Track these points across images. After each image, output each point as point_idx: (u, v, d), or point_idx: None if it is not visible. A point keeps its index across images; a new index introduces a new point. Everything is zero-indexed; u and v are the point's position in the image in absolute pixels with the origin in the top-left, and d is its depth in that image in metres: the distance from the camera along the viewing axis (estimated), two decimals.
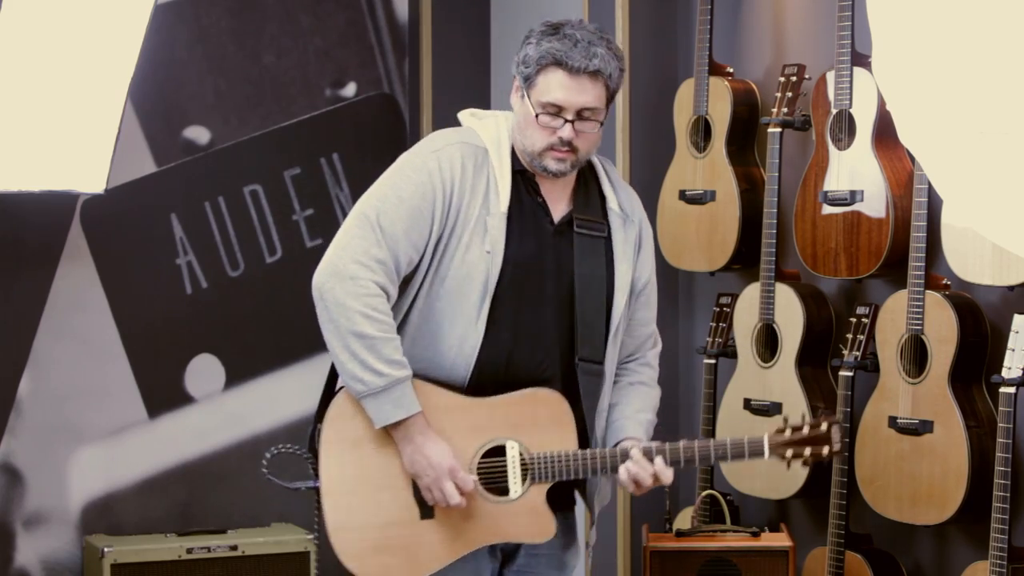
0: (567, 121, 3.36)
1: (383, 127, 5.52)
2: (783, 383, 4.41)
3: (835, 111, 4.23)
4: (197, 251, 5.28)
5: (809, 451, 3.42)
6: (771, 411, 4.44)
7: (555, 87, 3.35)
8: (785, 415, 3.51)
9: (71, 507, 5.13)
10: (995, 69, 2.30)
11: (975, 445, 3.92)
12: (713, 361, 4.67)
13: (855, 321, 4.21)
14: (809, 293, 4.42)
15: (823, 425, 3.44)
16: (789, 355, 4.39)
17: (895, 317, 4.06)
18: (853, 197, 4.21)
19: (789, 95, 4.40)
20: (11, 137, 4.55)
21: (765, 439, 3.41)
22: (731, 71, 4.67)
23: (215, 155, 5.31)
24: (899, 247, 4.11)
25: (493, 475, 3.37)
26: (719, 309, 4.67)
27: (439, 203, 3.35)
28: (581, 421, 3.42)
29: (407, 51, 5.55)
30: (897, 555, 4.27)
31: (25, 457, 5.06)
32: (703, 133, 4.69)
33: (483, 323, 3.36)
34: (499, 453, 3.37)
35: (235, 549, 5.03)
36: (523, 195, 3.43)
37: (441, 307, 3.38)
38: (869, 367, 4.17)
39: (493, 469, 3.37)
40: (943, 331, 3.95)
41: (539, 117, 3.36)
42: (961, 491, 3.92)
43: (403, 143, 5.49)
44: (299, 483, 3.47)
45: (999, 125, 2.32)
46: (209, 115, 5.29)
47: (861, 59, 4.16)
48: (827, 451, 3.44)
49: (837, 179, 4.25)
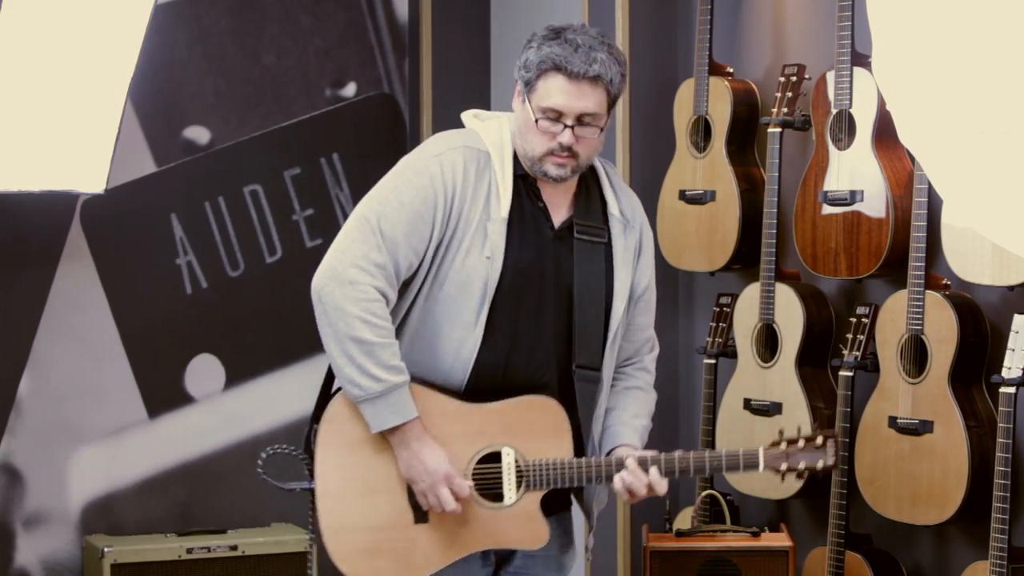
0: (567, 126, 3.34)
1: (383, 127, 5.52)
2: (783, 383, 4.41)
3: (835, 111, 4.23)
4: (197, 251, 5.28)
5: (804, 465, 3.43)
6: (771, 411, 4.44)
7: (555, 92, 3.33)
8: (781, 428, 3.50)
9: (71, 507, 5.13)
10: (995, 69, 2.30)
11: (975, 445, 3.92)
12: (713, 361, 4.67)
13: (855, 321, 4.21)
14: (809, 293, 4.42)
15: (819, 439, 3.45)
16: (789, 355, 4.39)
17: (895, 317, 4.06)
18: (853, 197, 4.21)
19: (789, 95, 4.40)
20: (11, 137, 4.55)
21: (760, 452, 3.41)
22: (731, 71, 4.67)
23: (215, 155, 5.31)
24: (899, 247, 4.11)
25: (488, 481, 3.37)
26: (719, 309, 4.67)
27: (440, 208, 3.34)
28: (577, 428, 3.42)
29: (407, 51, 5.55)
30: (897, 555, 4.27)
31: (25, 457, 5.06)
32: (703, 133, 4.69)
33: (481, 328, 3.36)
34: (495, 459, 3.37)
35: (235, 549, 5.03)
36: (524, 200, 3.41)
37: (440, 311, 3.37)
38: (869, 367, 4.17)
39: (488, 475, 3.37)
40: (943, 331, 3.95)
41: (539, 122, 3.35)
42: (961, 491, 3.92)
43: (403, 143, 5.49)
44: (294, 484, 3.47)
45: (999, 125, 2.32)
46: (209, 115, 5.29)
47: (861, 59, 4.16)
48: (822, 465, 3.44)
49: (837, 179, 4.25)
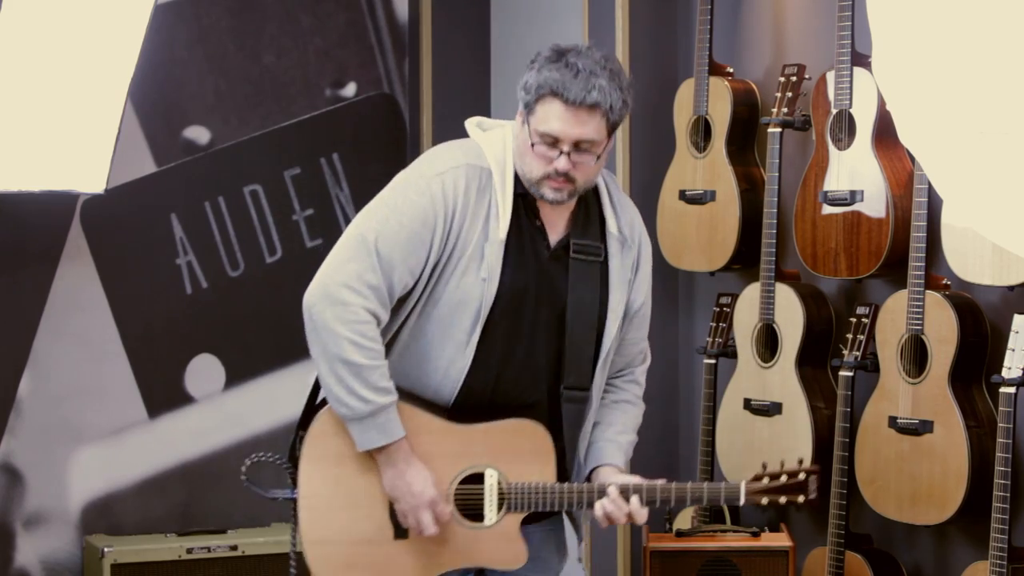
0: (563, 152, 3.29)
1: (383, 127, 5.52)
2: (783, 383, 4.41)
3: (835, 111, 4.23)
4: (197, 251, 5.28)
5: (784, 499, 3.47)
6: (771, 411, 4.44)
7: (552, 118, 3.28)
8: (764, 462, 3.52)
9: (71, 507, 5.13)
10: (995, 69, 2.30)
11: (975, 445, 3.92)
12: (713, 361, 4.67)
13: (855, 321, 4.21)
14: (809, 293, 4.42)
15: (801, 475, 3.47)
16: (789, 355, 4.39)
17: (895, 317, 4.06)
18: (853, 197, 4.21)
19: (789, 95, 4.40)
20: (11, 137, 4.55)
21: (742, 486, 3.44)
22: (731, 71, 4.67)
23: (215, 155, 5.31)
24: (899, 247, 4.11)
25: (470, 501, 3.38)
26: (719, 309, 4.67)
27: (440, 229, 3.30)
28: (562, 449, 3.42)
29: (407, 51, 5.55)
30: (897, 555, 4.28)
31: (25, 457, 5.06)
32: (703, 133, 4.69)
33: (472, 349, 3.34)
34: (477, 480, 3.38)
35: (235, 549, 5.03)
36: (522, 219, 3.37)
37: (432, 330, 3.36)
38: (869, 367, 4.17)
39: (470, 495, 3.38)
40: (943, 331, 3.95)
41: (535, 147, 3.30)
42: (961, 491, 3.92)
43: (403, 143, 5.49)
44: (277, 492, 3.48)
45: (999, 125, 2.32)
46: (209, 115, 5.29)
47: (861, 59, 4.16)
48: (802, 499, 3.47)
49: (837, 179, 4.25)
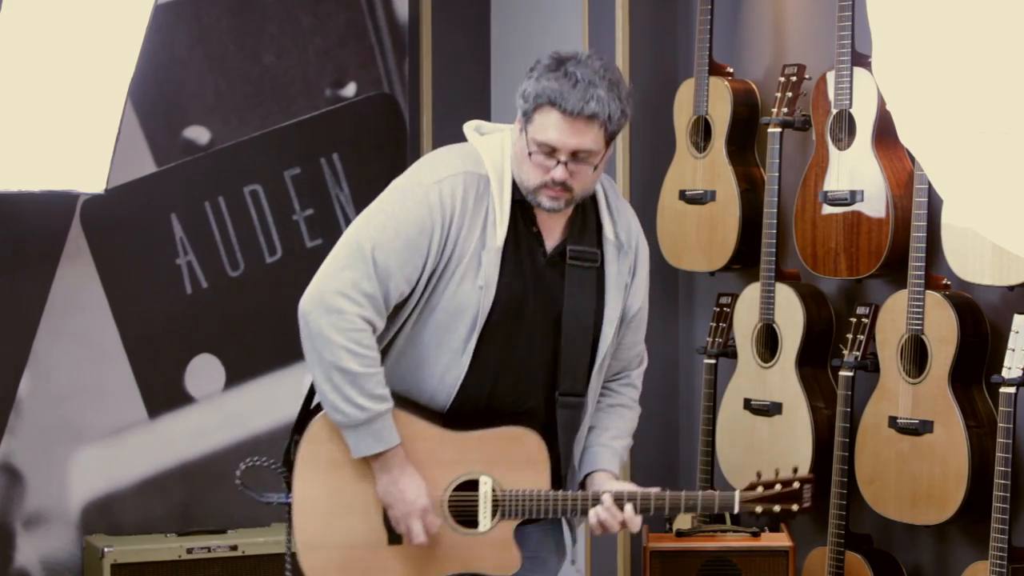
0: (560, 162, 3.27)
1: (383, 127, 5.52)
2: (783, 383, 4.41)
3: (835, 111, 4.23)
4: (197, 251, 5.28)
5: (779, 508, 3.48)
6: (771, 411, 4.44)
7: (549, 128, 3.25)
8: (759, 471, 3.53)
9: (71, 507, 5.13)
10: (995, 69, 2.30)
11: (975, 445, 3.92)
12: (713, 361, 4.67)
13: (855, 321, 4.21)
14: (809, 293, 4.42)
15: (795, 483, 3.47)
16: (789, 355, 4.39)
17: (895, 317, 4.06)
18: (853, 197, 4.21)
19: (789, 95, 4.40)
20: (11, 137, 4.55)
21: (736, 496, 3.45)
22: (731, 71, 4.67)
23: (215, 155, 5.31)
24: (899, 247, 4.11)
25: (464, 508, 3.38)
26: (719, 309, 4.67)
27: (436, 238, 3.29)
28: (556, 455, 3.42)
29: (407, 51, 5.55)
30: (897, 555, 4.28)
31: (25, 457, 5.06)
32: (703, 133, 4.69)
33: (468, 356, 3.34)
34: (472, 487, 3.38)
35: (235, 549, 5.03)
36: (519, 226, 3.36)
37: (428, 337, 3.35)
38: (869, 367, 4.17)
39: (464, 502, 3.38)
40: (943, 331, 3.95)
41: (532, 155, 3.28)
42: (961, 491, 3.92)
43: (403, 143, 5.49)
44: (272, 496, 3.48)
45: (999, 125, 2.32)
46: (209, 115, 5.29)
47: (861, 59, 4.16)
48: (796, 508, 3.47)
49: (837, 179, 4.25)
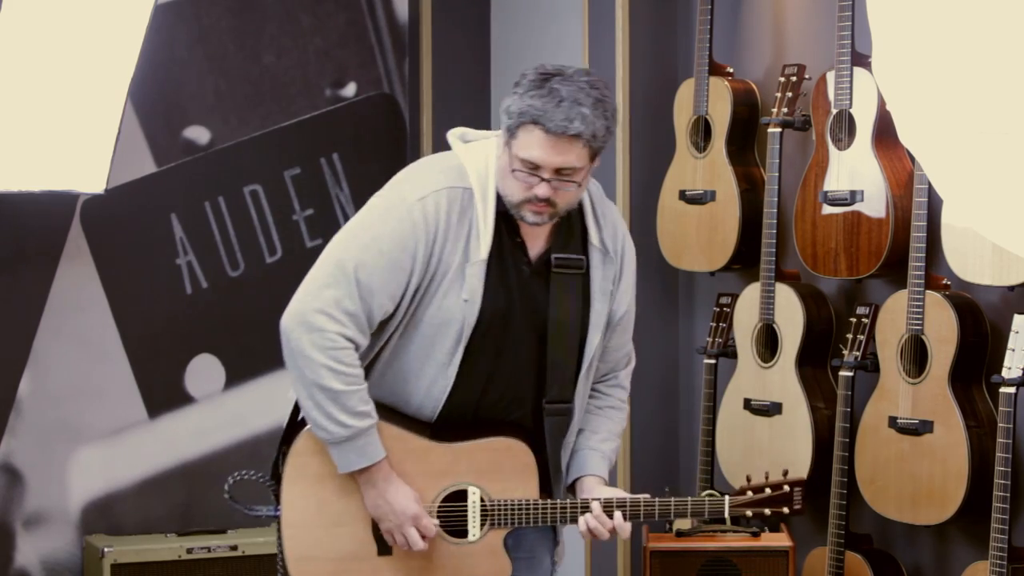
0: (543, 179, 3.25)
1: (383, 127, 5.53)
2: (783, 383, 4.41)
3: (835, 111, 4.23)
4: (197, 251, 5.28)
5: (769, 511, 3.49)
6: (771, 411, 4.44)
7: (533, 145, 3.23)
8: (748, 475, 3.53)
9: (71, 507, 5.13)
10: (995, 69, 2.30)
11: (975, 445, 3.92)
12: (713, 361, 4.67)
13: (855, 321, 4.21)
14: (809, 293, 4.42)
15: (785, 487, 3.48)
16: (789, 355, 4.39)
17: (895, 317, 4.06)
18: (853, 197, 4.21)
19: (789, 95, 4.40)
20: (11, 137, 4.56)
21: (726, 500, 3.46)
22: (731, 71, 4.67)
23: (215, 155, 5.31)
24: (899, 247, 4.11)
25: (453, 518, 3.38)
26: (719, 309, 4.67)
27: (421, 254, 3.28)
28: (545, 463, 3.41)
29: (407, 51, 5.55)
30: (897, 555, 4.28)
31: (25, 457, 5.06)
32: (703, 133, 4.69)
33: (454, 369, 3.33)
34: (460, 498, 3.38)
35: (235, 549, 5.03)
36: (503, 237, 3.35)
37: (413, 350, 3.34)
38: (869, 367, 4.17)
39: (453, 513, 3.38)
40: (943, 331, 3.95)
41: (515, 172, 3.26)
42: (961, 491, 3.92)
43: (403, 143, 5.49)
44: (261, 509, 3.49)
45: (999, 125, 2.32)
46: (209, 115, 5.29)
47: (861, 59, 4.16)
48: (787, 511, 3.49)
49: (837, 179, 4.25)
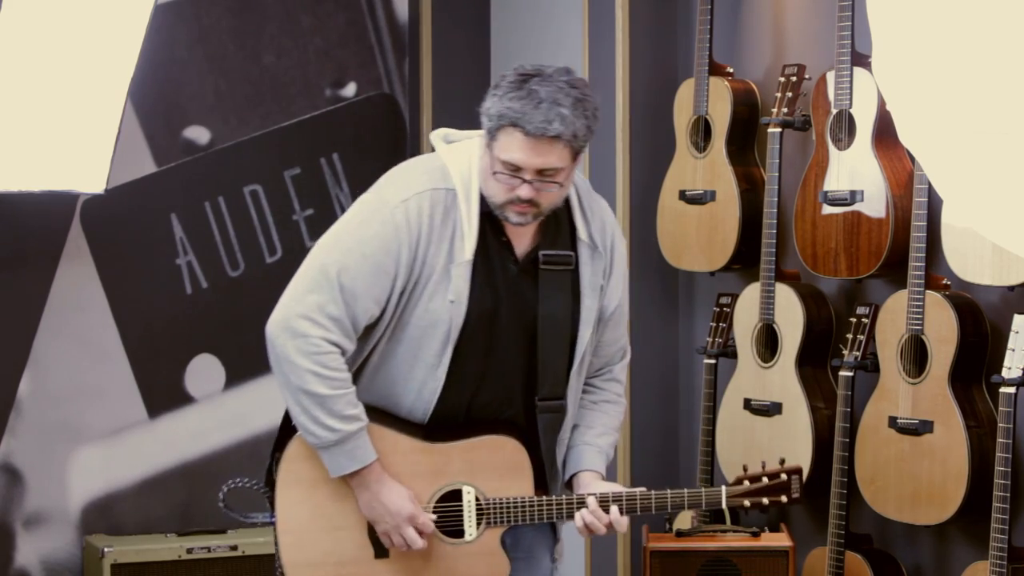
0: (525, 181, 3.23)
1: (383, 127, 5.53)
2: (783, 383, 4.41)
3: (835, 111, 4.23)
4: (197, 251, 5.28)
5: (767, 500, 3.46)
6: (771, 411, 4.44)
7: (513, 148, 3.21)
8: (745, 464, 3.52)
9: (71, 507, 5.13)
10: (995, 69, 2.30)
11: (975, 445, 3.92)
12: (713, 361, 4.67)
13: (855, 321, 4.21)
14: (809, 293, 4.42)
15: (782, 475, 3.46)
16: (789, 355, 4.39)
17: (895, 317, 4.06)
18: (853, 197, 4.21)
19: (789, 95, 4.40)
20: (11, 137, 4.56)
21: (723, 490, 3.44)
22: (731, 71, 4.67)
23: (215, 155, 5.31)
24: (899, 247, 4.11)
25: (449, 518, 3.38)
26: (719, 309, 4.67)
27: (404, 258, 3.27)
28: (539, 460, 3.41)
29: (407, 51, 5.55)
30: (897, 555, 4.28)
31: (25, 457, 5.06)
32: (703, 133, 4.69)
33: (444, 370, 3.33)
34: (455, 498, 3.37)
35: (235, 549, 5.03)
36: (488, 237, 3.34)
37: (402, 352, 3.34)
38: (869, 367, 4.17)
39: (449, 512, 3.37)
40: (943, 331, 3.95)
41: (497, 174, 3.25)
42: (961, 491, 3.92)
43: (403, 143, 5.49)
44: (256, 516, 3.49)
45: (999, 125, 2.32)
46: (209, 115, 5.30)
47: (861, 59, 4.16)
48: (785, 500, 3.46)
49: (837, 179, 4.25)
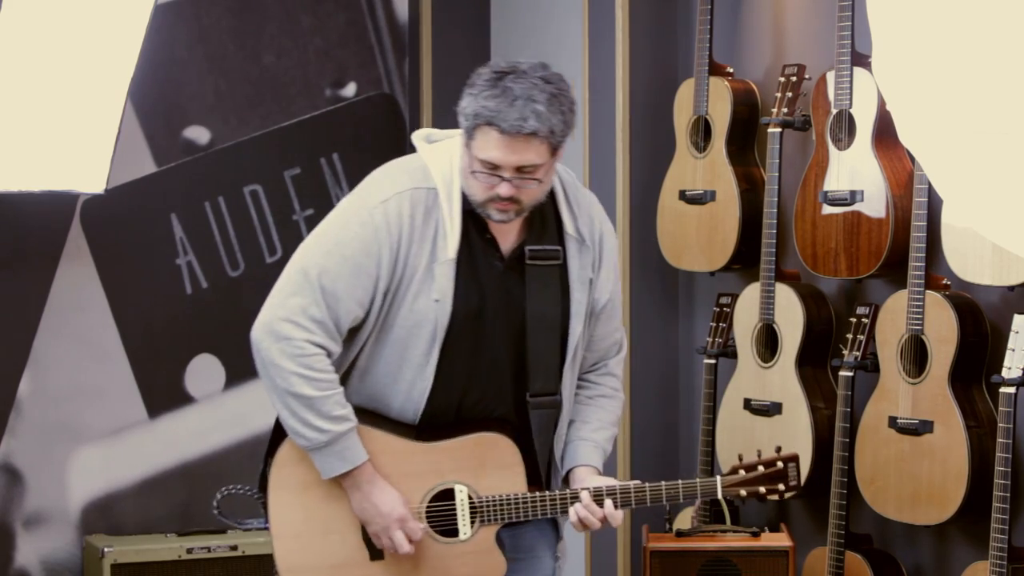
0: (504, 179, 3.22)
1: (383, 127, 5.53)
2: (783, 383, 4.41)
3: (835, 111, 4.23)
4: (197, 251, 5.28)
5: (764, 489, 3.44)
6: (771, 411, 4.44)
7: (491, 146, 3.20)
8: (740, 453, 3.51)
9: (71, 507, 5.13)
10: (995, 69, 2.30)
11: (975, 445, 3.92)
12: (713, 361, 4.67)
13: (855, 321, 4.21)
14: (809, 293, 4.42)
15: (778, 463, 3.44)
16: (789, 355, 4.39)
17: (895, 317, 4.06)
18: (853, 197, 4.21)
19: (789, 95, 4.40)
20: (11, 137, 4.56)
21: (718, 480, 3.42)
22: (731, 71, 4.67)
23: (215, 155, 5.31)
24: (899, 247, 4.11)
25: (442, 518, 3.37)
26: (719, 309, 4.67)
27: (385, 258, 3.27)
28: (534, 457, 3.40)
29: (407, 51, 5.55)
30: (897, 555, 4.28)
31: (25, 457, 5.06)
32: (703, 133, 4.69)
33: (432, 370, 3.32)
34: (448, 497, 3.37)
35: (235, 549, 5.03)
36: (472, 235, 3.33)
37: (389, 353, 3.33)
38: (869, 367, 4.17)
39: (442, 512, 3.37)
40: (943, 331, 3.95)
41: (476, 173, 3.24)
42: (961, 491, 3.92)
43: (403, 143, 5.49)
44: (252, 522, 3.48)
45: (999, 125, 2.32)
46: (209, 115, 5.30)
47: (861, 59, 4.16)
48: (783, 488, 3.44)
49: (837, 179, 4.25)
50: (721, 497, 3.44)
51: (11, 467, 5.05)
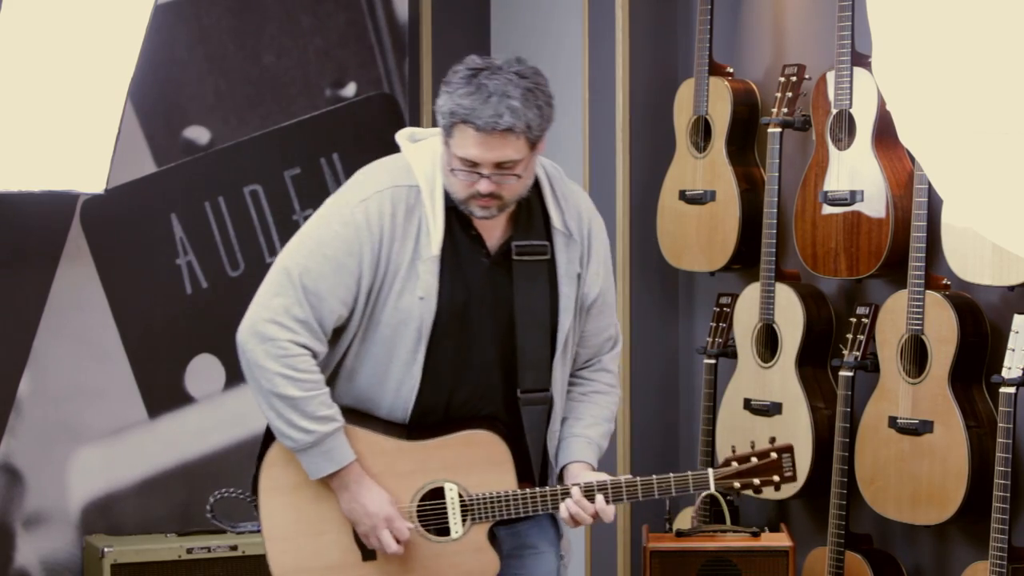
0: (483, 176, 3.22)
1: (383, 127, 5.52)
2: (783, 383, 4.41)
3: (835, 111, 4.23)
4: (197, 251, 5.28)
5: (759, 481, 3.41)
6: (771, 411, 4.44)
7: (468, 144, 3.19)
8: (733, 445, 3.49)
9: (71, 507, 5.13)
10: (995, 69, 2.30)
11: (975, 445, 3.92)
12: (713, 361, 4.67)
13: (855, 321, 4.21)
14: (809, 293, 4.42)
15: (772, 454, 3.42)
16: (789, 355, 4.39)
17: (895, 317, 4.06)
18: (853, 197, 4.21)
19: (789, 95, 4.41)
20: (11, 137, 4.56)
21: (710, 472, 3.39)
22: (731, 71, 4.67)
23: (215, 155, 5.31)
24: (899, 247, 4.11)
25: (434, 517, 3.36)
26: (719, 309, 4.67)
27: (367, 257, 3.27)
28: (526, 454, 3.39)
29: (407, 51, 5.55)
30: (897, 555, 4.28)
31: (25, 457, 5.06)
32: (703, 133, 4.69)
33: (419, 367, 3.31)
34: (438, 495, 3.36)
35: (235, 549, 5.03)
36: (456, 232, 3.32)
37: (376, 352, 3.33)
38: (869, 367, 4.17)
39: (433, 511, 3.36)
40: (943, 331, 3.95)
41: (455, 171, 3.24)
42: (961, 491, 3.92)
43: None
44: (246, 525, 3.48)
45: (999, 125, 2.32)
46: (209, 115, 5.29)
47: (861, 59, 4.16)
48: (778, 479, 3.42)
49: (837, 179, 4.25)
50: (714, 490, 3.42)
51: (11, 467, 5.05)
